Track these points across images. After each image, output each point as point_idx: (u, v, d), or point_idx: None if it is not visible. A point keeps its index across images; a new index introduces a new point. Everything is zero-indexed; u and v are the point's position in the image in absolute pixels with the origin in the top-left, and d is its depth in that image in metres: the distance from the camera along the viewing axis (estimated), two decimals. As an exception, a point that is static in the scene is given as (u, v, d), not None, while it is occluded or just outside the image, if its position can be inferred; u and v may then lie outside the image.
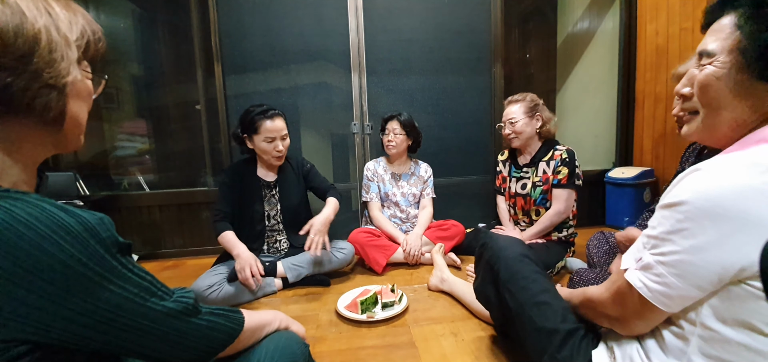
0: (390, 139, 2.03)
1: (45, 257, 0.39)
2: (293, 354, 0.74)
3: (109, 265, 0.44)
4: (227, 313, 0.65)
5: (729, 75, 0.57)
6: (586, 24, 2.93)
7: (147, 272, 0.51)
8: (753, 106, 0.57)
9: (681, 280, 0.55)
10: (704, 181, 0.52)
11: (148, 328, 0.49)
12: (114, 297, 0.45)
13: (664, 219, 0.56)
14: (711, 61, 0.59)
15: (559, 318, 0.81)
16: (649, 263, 0.58)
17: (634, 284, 0.60)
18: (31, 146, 0.48)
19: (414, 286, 1.67)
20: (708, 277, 0.52)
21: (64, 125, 0.50)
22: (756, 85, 0.55)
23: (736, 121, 0.59)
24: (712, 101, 0.60)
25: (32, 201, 0.41)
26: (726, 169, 0.51)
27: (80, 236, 0.42)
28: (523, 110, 1.78)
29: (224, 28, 2.28)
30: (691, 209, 0.52)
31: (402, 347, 1.18)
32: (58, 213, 0.41)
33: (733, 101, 0.58)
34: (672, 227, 0.55)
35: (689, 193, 0.53)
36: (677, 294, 0.56)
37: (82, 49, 0.50)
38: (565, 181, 1.71)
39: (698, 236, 0.52)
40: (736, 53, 0.56)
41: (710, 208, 0.51)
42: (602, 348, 0.75)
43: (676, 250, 0.54)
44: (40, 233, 0.39)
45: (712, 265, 0.51)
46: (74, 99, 0.50)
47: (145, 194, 2.36)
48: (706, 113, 0.62)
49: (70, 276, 0.41)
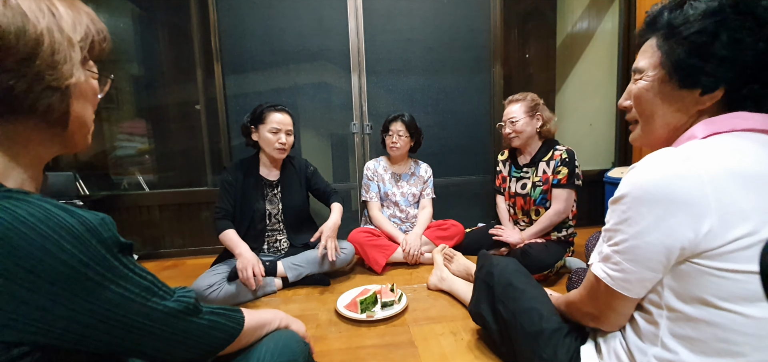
0: (394, 140, 2.03)
1: (47, 257, 0.39)
2: (292, 353, 0.75)
3: (111, 265, 0.44)
4: (228, 313, 0.65)
5: (656, 86, 0.67)
6: (586, 24, 2.93)
7: (148, 272, 0.51)
8: (680, 110, 0.66)
9: (634, 264, 0.61)
10: (638, 174, 0.59)
11: (149, 328, 0.49)
12: (115, 297, 0.45)
13: (613, 213, 0.64)
14: (642, 76, 0.69)
15: (544, 320, 0.86)
16: (608, 254, 0.65)
17: (598, 274, 0.67)
18: (36, 147, 0.48)
19: (413, 286, 1.68)
20: (655, 257, 0.58)
21: (69, 125, 0.50)
22: (679, 93, 0.64)
23: (669, 125, 0.68)
24: (645, 109, 0.70)
25: (34, 202, 0.41)
26: (655, 161, 0.59)
27: (82, 237, 0.42)
28: (524, 110, 1.79)
29: (224, 27, 2.28)
30: (630, 199, 0.60)
31: (401, 346, 1.19)
32: (60, 214, 0.41)
33: (662, 107, 0.67)
34: (619, 218, 0.62)
35: (628, 186, 0.60)
36: (635, 277, 0.62)
37: (87, 49, 0.50)
38: (565, 181, 1.72)
39: (639, 222, 0.59)
40: (659, 68, 0.66)
41: (644, 196, 0.58)
42: (590, 344, 0.78)
43: (625, 238, 0.61)
44: (42, 233, 0.39)
45: (655, 246, 0.58)
46: (78, 100, 0.50)
47: (144, 194, 2.36)
48: (643, 121, 0.72)
49: (71, 277, 0.41)
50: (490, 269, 1.07)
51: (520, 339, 0.90)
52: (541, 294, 0.95)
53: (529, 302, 0.92)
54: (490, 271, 1.07)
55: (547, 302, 0.91)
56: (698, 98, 0.63)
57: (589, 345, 0.78)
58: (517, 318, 0.92)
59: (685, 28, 0.61)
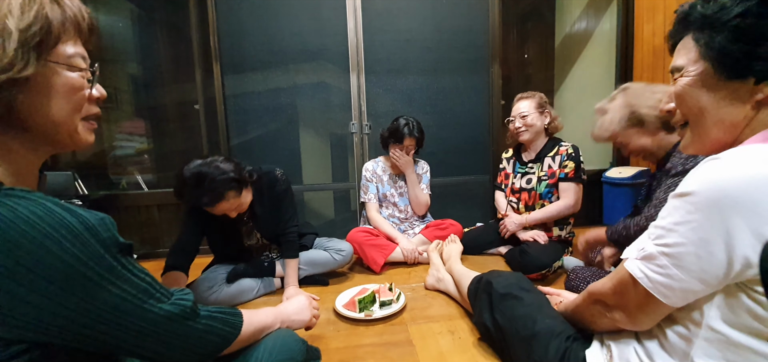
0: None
1: (47, 255, 0.39)
2: (291, 352, 0.75)
3: (109, 265, 0.44)
4: (226, 316, 0.64)
5: (701, 81, 0.60)
6: (584, 25, 2.94)
7: (147, 273, 0.50)
8: (733, 103, 0.58)
9: (684, 272, 0.54)
10: (717, 171, 0.51)
11: (145, 330, 0.49)
12: (112, 298, 0.45)
13: (673, 209, 0.55)
14: (681, 73, 0.62)
15: (537, 324, 0.85)
16: (652, 254, 0.58)
17: (635, 274, 0.60)
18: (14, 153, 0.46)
19: (411, 285, 1.68)
20: (712, 271, 0.51)
21: (30, 125, 0.46)
22: (729, 84, 0.57)
23: (723, 122, 0.59)
24: (692, 108, 0.62)
25: (36, 199, 0.41)
26: (741, 159, 0.50)
27: (81, 236, 0.42)
28: (534, 106, 1.84)
29: (223, 27, 2.29)
30: (701, 200, 0.51)
31: (399, 345, 1.19)
32: (61, 212, 0.41)
33: (711, 103, 0.60)
34: (680, 218, 0.54)
35: (699, 183, 0.52)
36: (679, 286, 0.55)
37: (41, 36, 0.43)
38: (572, 174, 1.75)
39: (706, 228, 0.50)
40: (700, 61, 0.59)
41: (720, 198, 0.49)
42: (597, 346, 0.76)
43: (682, 242, 0.53)
44: (43, 231, 0.39)
45: (717, 258, 0.50)
46: (37, 95, 0.45)
47: (143, 194, 2.36)
48: (693, 123, 0.64)
49: (70, 275, 0.41)
50: (489, 279, 1.08)
51: (516, 345, 0.91)
52: (540, 301, 0.94)
53: (526, 309, 0.92)
54: (489, 281, 1.07)
55: (546, 308, 0.91)
56: (753, 88, 0.55)
57: (596, 347, 0.75)
58: (513, 324, 0.92)
59: (724, 13, 0.54)
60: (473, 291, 1.19)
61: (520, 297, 0.96)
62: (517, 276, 1.07)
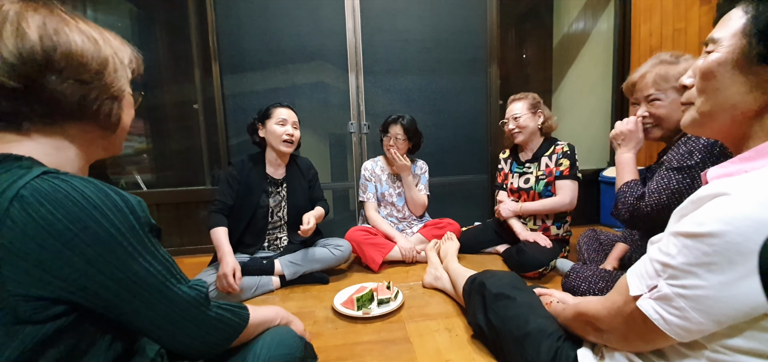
0: (391, 143, 2.01)
1: (93, 223, 0.46)
2: (289, 347, 0.76)
3: (141, 240, 0.51)
4: (234, 309, 0.68)
5: (732, 58, 0.57)
6: (582, 25, 2.96)
7: (169, 256, 0.57)
8: (752, 91, 0.56)
9: (703, 316, 0.50)
10: (735, 210, 0.47)
11: (163, 308, 0.54)
12: (141, 269, 0.51)
13: (686, 250, 0.51)
14: (715, 48, 0.59)
15: (529, 324, 0.86)
16: (667, 295, 0.53)
17: (650, 315, 0.56)
18: (88, 147, 0.59)
19: (409, 283, 1.69)
20: (733, 314, 0.49)
21: (117, 129, 0.62)
22: (756, 69, 0.55)
23: (735, 108, 0.58)
24: (710, 84, 0.60)
25: (88, 178, 0.50)
26: (759, 195, 0.46)
27: (123, 211, 0.49)
28: (527, 107, 1.85)
29: (222, 27, 2.29)
30: (721, 243, 0.47)
31: (397, 342, 1.20)
32: (107, 190, 0.49)
33: (733, 85, 0.57)
34: (697, 260, 0.50)
35: (719, 224, 0.47)
36: (697, 328, 0.52)
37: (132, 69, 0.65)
38: (567, 172, 1.78)
39: (727, 272, 0.47)
40: (739, 36, 0.56)
41: (742, 243, 0.46)
42: (587, 349, 0.76)
43: (701, 285, 0.49)
44: (92, 202, 0.47)
45: (739, 303, 0.47)
46: (125, 108, 0.63)
47: (142, 194, 2.36)
48: (704, 99, 0.61)
49: (109, 243, 0.47)
50: (483, 280, 1.09)
51: (509, 344, 0.91)
52: (533, 302, 0.95)
53: (518, 309, 0.92)
54: (482, 281, 1.08)
55: (539, 309, 0.92)
56: None
57: (586, 350, 0.75)
58: (506, 324, 0.93)
59: None
60: (467, 291, 1.20)
61: (512, 296, 0.97)
62: (511, 275, 1.08)
